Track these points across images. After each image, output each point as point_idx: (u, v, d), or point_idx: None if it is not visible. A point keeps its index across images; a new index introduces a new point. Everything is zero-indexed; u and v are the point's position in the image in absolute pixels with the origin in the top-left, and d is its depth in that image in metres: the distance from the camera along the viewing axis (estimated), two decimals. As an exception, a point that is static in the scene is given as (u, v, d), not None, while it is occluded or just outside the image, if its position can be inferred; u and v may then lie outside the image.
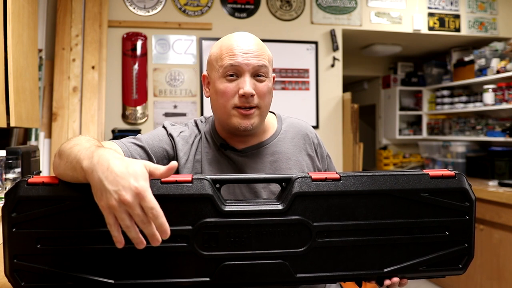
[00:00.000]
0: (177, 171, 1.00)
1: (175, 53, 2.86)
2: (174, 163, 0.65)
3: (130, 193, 0.59)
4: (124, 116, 2.77)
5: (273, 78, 1.07)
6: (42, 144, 2.49)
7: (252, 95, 0.95)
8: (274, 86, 1.10)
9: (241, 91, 0.94)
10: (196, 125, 1.08)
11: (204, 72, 1.06)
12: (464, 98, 3.67)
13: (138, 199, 0.59)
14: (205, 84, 1.06)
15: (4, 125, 1.62)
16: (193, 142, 1.03)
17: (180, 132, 1.03)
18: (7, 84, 1.63)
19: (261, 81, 0.97)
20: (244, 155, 1.03)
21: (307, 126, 1.13)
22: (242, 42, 0.97)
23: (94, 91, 2.56)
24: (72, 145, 0.74)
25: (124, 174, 0.60)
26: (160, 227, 0.60)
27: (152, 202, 0.60)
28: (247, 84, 0.94)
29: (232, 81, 0.96)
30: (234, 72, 0.95)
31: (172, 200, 0.73)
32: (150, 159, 0.97)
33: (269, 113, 1.12)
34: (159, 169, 0.64)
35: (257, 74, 0.96)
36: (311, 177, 0.78)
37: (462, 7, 3.39)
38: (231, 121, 0.97)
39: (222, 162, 1.02)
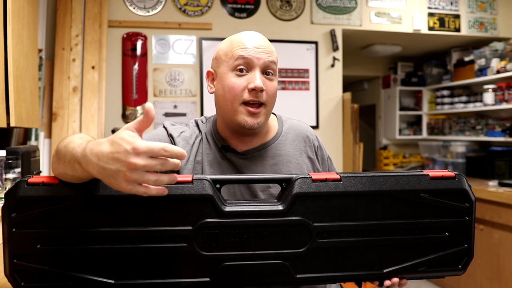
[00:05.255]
0: (177, 172, 0.99)
1: (175, 53, 2.86)
2: (148, 105, 0.63)
3: (134, 158, 0.59)
4: (124, 116, 2.77)
5: None
6: (42, 144, 2.49)
7: (262, 90, 0.94)
8: None
9: (251, 85, 0.93)
10: (197, 125, 1.06)
11: (209, 68, 1.05)
12: (464, 98, 3.67)
13: (143, 155, 0.60)
14: (209, 80, 1.04)
15: (4, 125, 1.62)
16: (193, 142, 1.02)
17: (181, 133, 1.02)
18: (7, 84, 1.63)
19: (270, 79, 0.97)
20: (245, 157, 1.02)
21: (307, 128, 1.12)
22: (253, 38, 0.98)
23: (94, 91, 2.56)
24: (66, 143, 0.73)
25: (115, 147, 0.60)
26: (176, 155, 0.61)
27: (156, 146, 0.60)
28: (257, 78, 0.93)
29: (241, 76, 0.95)
30: (244, 67, 0.95)
31: (172, 200, 0.74)
32: None
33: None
34: (139, 120, 0.64)
35: (267, 71, 0.96)
36: (311, 177, 0.78)
37: (462, 7, 3.39)
38: (237, 118, 0.95)
39: (223, 164, 1.01)
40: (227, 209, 0.75)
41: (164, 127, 1.04)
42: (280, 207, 0.77)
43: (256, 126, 0.95)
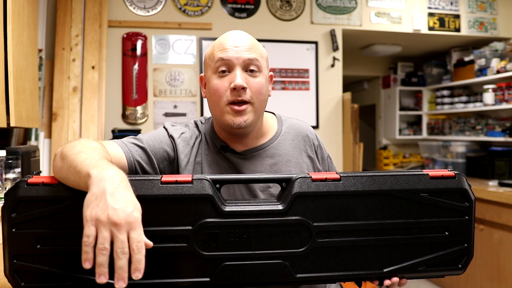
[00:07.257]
0: (177, 173, 0.99)
1: (175, 53, 2.86)
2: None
3: (124, 218, 0.59)
4: (124, 116, 2.77)
5: (271, 77, 1.06)
6: (42, 144, 2.49)
7: (244, 88, 0.94)
8: (274, 86, 1.09)
9: (232, 85, 0.93)
10: (196, 126, 1.06)
11: (201, 74, 1.06)
12: (464, 98, 3.67)
13: (129, 227, 0.59)
14: (203, 85, 1.06)
15: (4, 125, 1.62)
16: (193, 143, 1.02)
17: (181, 134, 1.02)
18: (7, 84, 1.63)
19: (254, 76, 0.96)
20: (244, 157, 1.02)
21: (307, 127, 1.12)
22: (233, 38, 0.97)
23: (94, 91, 2.57)
24: (77, 151, 0.73)
25: (128, 201, 0.61)
26: (139, 263, 0.59)
27: (142, 235, 0.60)
28: (237, 77, 0.93)
29: (223, 77, 0.95)
30: (225, 67, 0.95)
31: (172, 200, 0.74)
32: (150, 160, 0.96)
33: (269, 114, 1.11)
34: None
35: (249, 68, 0.96)
36: (311, 177, 0.78)
37: (462, 7, 3.39)
38: (224, 118, 0.96)
39: (222, 164, 1.01)
40: (227, 209, 0.75)
41: (164, 127, 1.04)
42: (280, 207, 0.77)
43: (243, 125, 0.95)
